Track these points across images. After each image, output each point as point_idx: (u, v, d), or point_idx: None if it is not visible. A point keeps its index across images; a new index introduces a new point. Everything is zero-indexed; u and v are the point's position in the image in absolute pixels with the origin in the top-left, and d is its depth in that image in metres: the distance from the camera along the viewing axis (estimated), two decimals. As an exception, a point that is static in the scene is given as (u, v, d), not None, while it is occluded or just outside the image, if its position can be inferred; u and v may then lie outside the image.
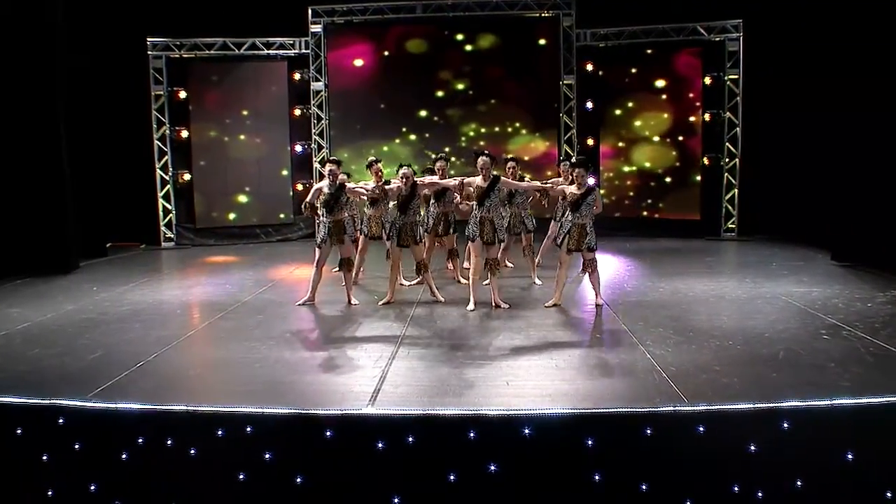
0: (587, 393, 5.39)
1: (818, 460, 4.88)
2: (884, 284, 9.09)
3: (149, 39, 14.67)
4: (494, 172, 8.20)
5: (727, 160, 14.32)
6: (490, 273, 8.30)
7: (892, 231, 9.98)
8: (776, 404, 4.96)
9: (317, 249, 8.76)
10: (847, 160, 11.00)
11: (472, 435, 4.85)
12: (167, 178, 15.00)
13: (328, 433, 4.95)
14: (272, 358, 6.48)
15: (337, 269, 9.62)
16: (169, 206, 15.08)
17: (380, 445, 4.90)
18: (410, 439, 4.89)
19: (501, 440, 4.87)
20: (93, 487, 5.22)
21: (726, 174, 14.35)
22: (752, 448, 4.84)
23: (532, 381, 5.67)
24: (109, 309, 8.76)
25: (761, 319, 7.51)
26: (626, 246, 13.16)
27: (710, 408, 4.93)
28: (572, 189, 8.20)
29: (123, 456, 5.16)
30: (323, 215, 8.57)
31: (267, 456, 5.00)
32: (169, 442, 5.13)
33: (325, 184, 8.64)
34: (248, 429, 5.07)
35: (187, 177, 15.06)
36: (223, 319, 8.16)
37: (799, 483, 4.88)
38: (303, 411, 5.08)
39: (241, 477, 5.02)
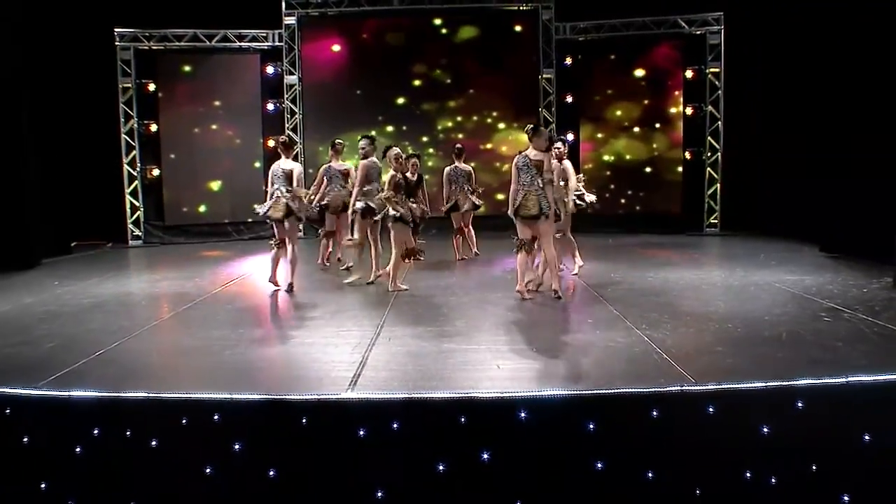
0: (585, 375, 4.98)
1: (834, 444, 4.49)
2: (876, 272, 8.76)
3: (116, 30, 14.07)
4: None
5: (709, 154, 14.07)
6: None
7: (880, 222, 9.73)
8: (790, 382, 4.58)
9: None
10: (833, 152, 10.79)
11: (462, 420, 4.39)
12: (135, 173, 14.38)
13: (303, 420, 4.46)
14: (243, 344, 5.97)
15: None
16: (137, 203, 14.45)
17: (361, 433, 4.42)
18: (395, 426, 4.41)
19: (495, 425, 4.41)
20: (43, 486, 4.67)
21: (708, 168, 14.10)
22: (765, 430, 4.44)
23: (525, 364, 5.24)
24: (71, 301, 8.21)
25: (758, 304, 7.15)
26: (608, 241, 12.79)
27: (721, 387, 4.52)
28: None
29: (77, 449, 4.62)
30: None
31: (236, 446, 4.50)
32: (128, 433, 4.61)
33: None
34: (216, 417, 4.58)
35: (156, 172, 14.48)
36: (192, 309, 7.63)
37: (814, 467, 4.48)
38: (275, 397, 4.59)
39: (208, 470, 4.52)
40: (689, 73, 14.07)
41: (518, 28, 14.75)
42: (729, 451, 4.44)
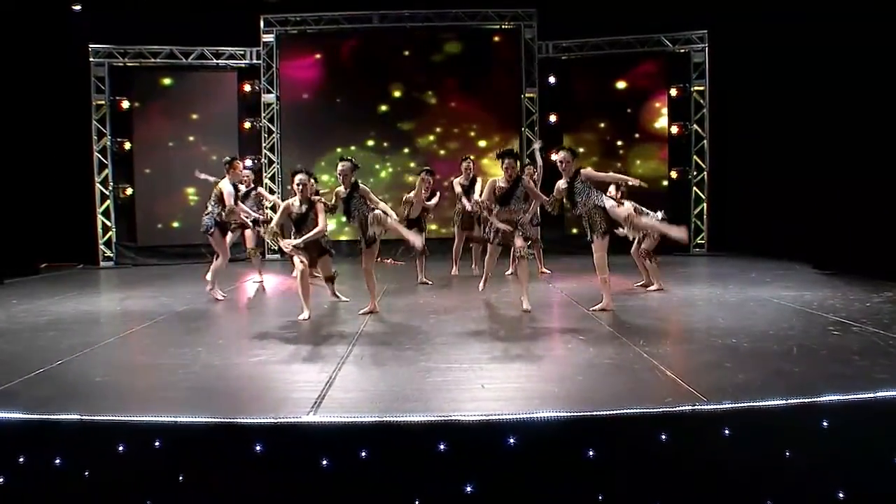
0: (581, 395, 4.30)
1: (866, 466, 3.86)
2: (875, 287, 8.22)
3: (91, 46, 13.47)
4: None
5: (695, 173, 13.58)
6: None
7: (874, 238, 9.26)
8: (813, 399, 3.95)
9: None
10: (822, 169, 10.38)
11: (442, 447, 3.73)
12: (107, 192, 13.67)
13: (258, 447, 3.77)
14: (199, 364, 5.26)
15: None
16: (108, 223, 13.71)
17: (324, 462, 3.74)
18: (363, 453, 3.74)
19: (480, 452, 3.75)
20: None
21: (694, 188, 13.60)
22: (788, 453, 3.81)
23: (513, 384, 4.56)
24: (25, 319, 7.53)
25: (760, 319, 6.55)
26: (590, 261, 12.13)
27: (737, 406, 3.88)
28: (501, 183, 7.25)
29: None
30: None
31: (181, 477, 3.80)
32: (57, 460, 3.90)
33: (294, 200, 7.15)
34: (157, 443, 3.88)
35: (129, 191, 13.76)
36: (151, 327, 6.92)
37: (841, 494, 3.85)
38: (226, 420, 3.90)
39: (148, 503, 3.81)
40: (673, 92, 13.64)
41: (500, 46, 14.28)
42: (747, 478, 3.80)
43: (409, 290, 9.13)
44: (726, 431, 3.78)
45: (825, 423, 3.89)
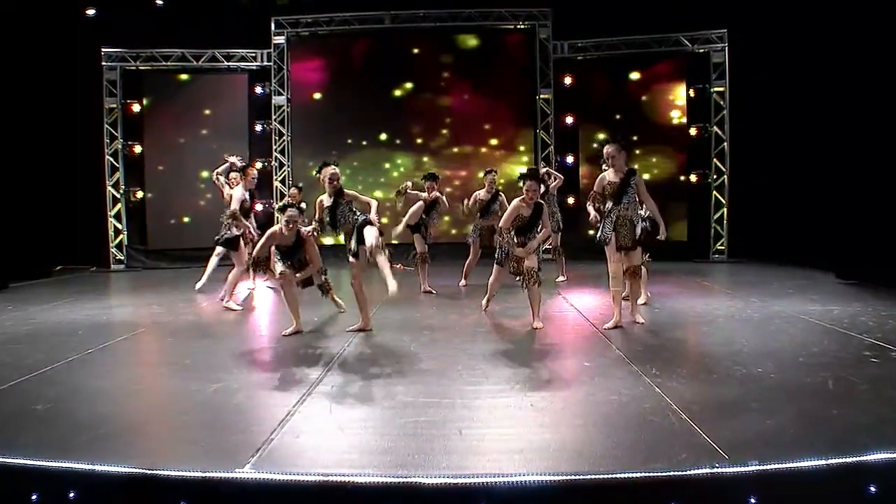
0: (576, 447, 3.43)
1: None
2: (904, 301, 7.29)
3: (103, 50, 12.87)
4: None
5: (715, 177, 12.59)
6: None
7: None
8: (860, 458, 3.08)
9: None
10: (846, 174, 9.45)
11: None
12: (118, 195, 13.07)
13: (181, 508, 3.00)
14: (151, 392, 4.53)
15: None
16: (120, 227, 13.11)
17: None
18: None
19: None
20: None
21: (714, 192, 12.60)
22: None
23: (496, 429, 3.69)
24: (9, 329, 6.92)
25: (787, 340, 5.64)
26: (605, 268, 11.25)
27: (765, 468, 3.01)
28: (524, 212, 6.39)
29: None
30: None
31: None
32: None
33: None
34: (72, 493, 3.15)
35: (140, 194, 13.16)
36: (126, 341, 6.21)
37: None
38: (145, 471, 3.13)
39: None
40: (692, 93, 12.65)
41: (514, 47, 13.41)
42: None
43: (410, 299, 8.32)
44: (752, 501, 2.92)
45: (872, 489, 3.02)
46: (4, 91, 11.04)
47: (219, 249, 8.51)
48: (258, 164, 11.99)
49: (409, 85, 13.43)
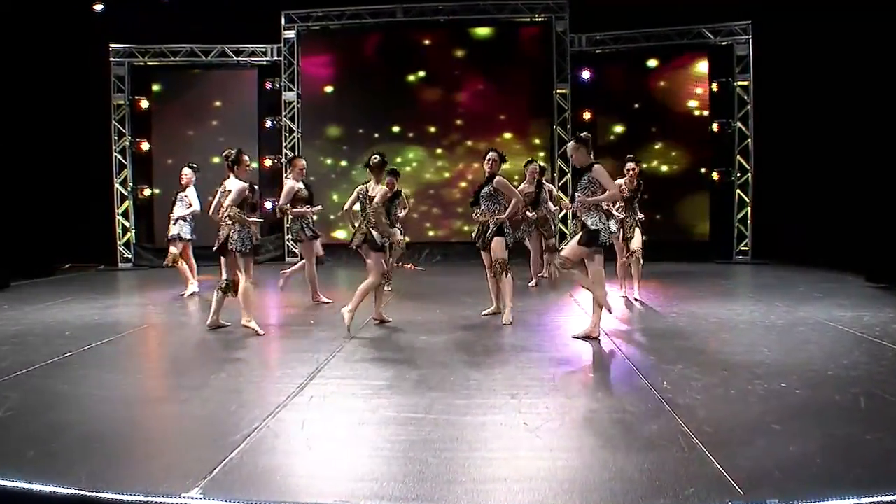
0: (569, 475, 2.99)
1: None
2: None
3: (111, 46, 12.66)
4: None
5: (738, 175, 12.03)
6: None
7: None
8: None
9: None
10: (876, 172, 8.92)
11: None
12: (126, 193, 12.85)
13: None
14: (117, 398, 4.18)
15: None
16: (128, 224, 12.91)
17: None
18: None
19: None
20: None
21: (738, 190, 12.05)
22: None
23: (481, 452, 3.25)
24: (-1, 329, 6.61)
25: (814, 351, 5.16)
26: (615, 270, 10.75)
27: (788, 507, 2.58)
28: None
29: None
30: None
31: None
32: None
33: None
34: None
35: (148, 192, 12.93)
36: (107, 345, 5.88)
37: None
38: (84, 493, 2.77)
39: None
40: (715, 87, 12.11)
41: (530, 40, 12.97)
42: None
43: (414, 300, 7.93)
44: (772, 548, 2.49)
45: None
46: (12, 87, 10.91)
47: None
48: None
49: (422, 77, 13.04)
